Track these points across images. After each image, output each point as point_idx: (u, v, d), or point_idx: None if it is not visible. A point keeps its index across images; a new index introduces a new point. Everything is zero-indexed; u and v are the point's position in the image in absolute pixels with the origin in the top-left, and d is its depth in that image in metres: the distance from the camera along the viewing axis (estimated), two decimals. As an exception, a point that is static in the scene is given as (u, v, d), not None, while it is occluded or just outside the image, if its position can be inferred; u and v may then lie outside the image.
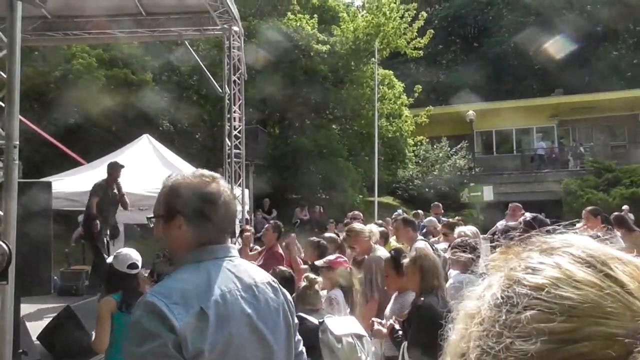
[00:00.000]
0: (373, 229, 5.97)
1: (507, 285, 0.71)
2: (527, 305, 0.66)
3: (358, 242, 5.59)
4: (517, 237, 0.83)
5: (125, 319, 3.85)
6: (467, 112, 26.27)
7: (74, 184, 10.01)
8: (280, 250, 7.12)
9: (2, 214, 3.35)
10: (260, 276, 1.86)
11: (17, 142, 3.38)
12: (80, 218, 15.02)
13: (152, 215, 1.84)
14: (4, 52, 3.47)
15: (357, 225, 6.10)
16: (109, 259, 4.29)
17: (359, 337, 3.77)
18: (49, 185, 4.00)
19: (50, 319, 6.28)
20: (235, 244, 8.93)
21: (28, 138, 10.96)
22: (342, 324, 3.81)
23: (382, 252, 5.51)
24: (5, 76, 3.40)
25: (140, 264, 4.09)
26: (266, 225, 8.00)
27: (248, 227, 8.63)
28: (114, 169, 9.07)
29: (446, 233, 7.59)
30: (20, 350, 3.98)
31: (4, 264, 2.98)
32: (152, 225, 1.85)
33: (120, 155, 11.97)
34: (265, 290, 1.82)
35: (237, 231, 8.82)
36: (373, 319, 4.27)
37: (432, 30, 23.32)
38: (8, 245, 3.01)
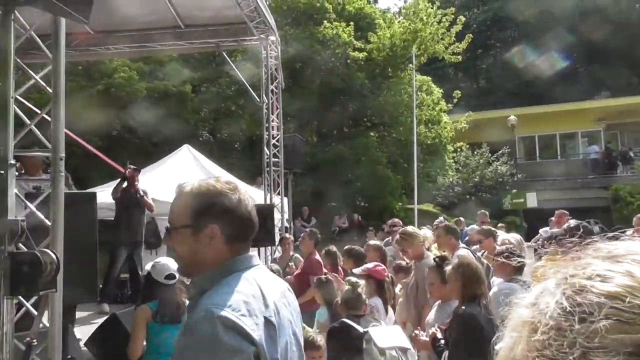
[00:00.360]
0: (427, 234, 5.81)
1: (572, 292, 0.68)
2: (606, 314, 0.63)
3: (412, 247, 5.48)
4: (566, 243, 0.81)
5: (159, 329, 3.89)
6: (508, 117, 25.84)
7: (117, 194, 10.21)
8: (319, 258, 7.13)
9: (50, 224, 3.44)
10: (282, 282, 1.88)
11: (63, 155, 3.48)
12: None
13: (173, 225, 1.72)
14: (49, 67, 3.57)
15: (411, 228, 5.97)
16: (147, 267, 4.32)
17: (404, 350, 3.71)
18: (93, 196, 4.10)
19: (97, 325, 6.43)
20: (275, 252, 8.98)
21: (73, 151, 11.26)
22: (387, 335, 3.75)
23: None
24: (51, 91, 3.50)
25: (177, 275, 4.06)
26: (302, 234, 8.02)
27: (287, 235, 8.64)
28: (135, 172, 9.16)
29: (480, 240, 7.45)
30: (69, 357, 4.07)
31: (53, 272, 3.06)
32: (168, 237, 1.76)
33: (161, 166, 12.21)
34: (291, 296, 1.84)
35: (277, 239, 8.84)
36: (415, 331, 4.20)
37: (470, 35, 23.09)
38: (56, 255, 3.09)
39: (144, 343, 3.99)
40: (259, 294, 1.63)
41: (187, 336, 1.55)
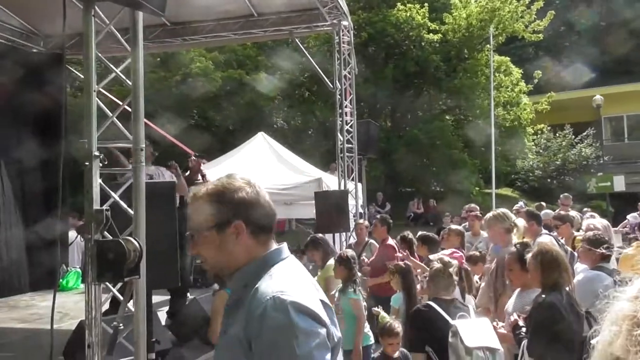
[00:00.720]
0: (519, 223, 5.52)
1: None
2: None
3: (501, 228, 5.23)
4: None
5: None
6: (593, 97, 24.60)
7: (196, 182, 10.49)
8: (393, 243, 7.08)
9: (133, 213, 3.56)
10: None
11: (144, 146, 3.58)
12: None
13: (196, 230, 1.70)
14: (128, 60, 3.68)
15: (505, 210, 5.65)
16: None
17: (492, 350, 3.51)
18: (172, 185, 4.22)
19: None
20: (349, 238, 8.97)
21: (154, 140, 11.64)
22: (475, 331, 3.54)
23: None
24: (130, 83, 3.61)
25: None
26: (374, 220, 7.99)
27: (362, 220, 8.59)
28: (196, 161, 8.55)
29: (557, 225, 7.11)
30: (154, 339, 4.23)
31: (137, 259, 3.17)
32: (190, 244, 1.74)
33: (237, 154, 12.44)
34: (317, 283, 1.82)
35: (352, 225, 8.82)
36: (493, 324, 4.04)
37: (553, 12, 22.11)
38: (139, 242, 3.19)
39: None
40: (304, 281, 1.66)
41: (255, 328, 1.53)
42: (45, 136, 9.20)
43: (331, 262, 5.65)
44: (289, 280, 1.61)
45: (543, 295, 3.49)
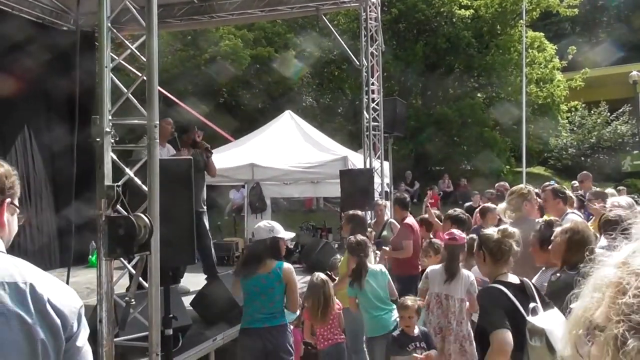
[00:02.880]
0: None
1: None
2: None
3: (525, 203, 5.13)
4: None
5: None
6: (630, 73, 23.86)
7: (224, 160, 10.53)
8: (411, 221, 7.02)
9: (147, 189, 3.57)
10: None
11: (157, 122, 3.58)
12: (232, 193, 15.98)
13: None
14: (143, 37, 3.66)
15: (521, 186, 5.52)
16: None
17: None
18: (189, 162, 4.21)
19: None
20: (373, 216, 8.92)
21: (184, 118, 11.70)
22: (552, 323, 2.99)
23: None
24: (144, 59, 3.60)
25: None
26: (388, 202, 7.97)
27: (380, 200, 8.46)
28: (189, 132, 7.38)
29: (591, 200, 6.92)
30: (171, 315, 4.27)
31: (147, 235, 3.19)
32: None
33: (265, 132, 12.44)
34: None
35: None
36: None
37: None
38: (149, 219, 3.21)
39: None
40: None
41: None
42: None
43: None
44: None
45: (558, 274, 3.39)
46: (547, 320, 3.01)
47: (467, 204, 11.94)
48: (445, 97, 21.72)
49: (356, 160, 10.59)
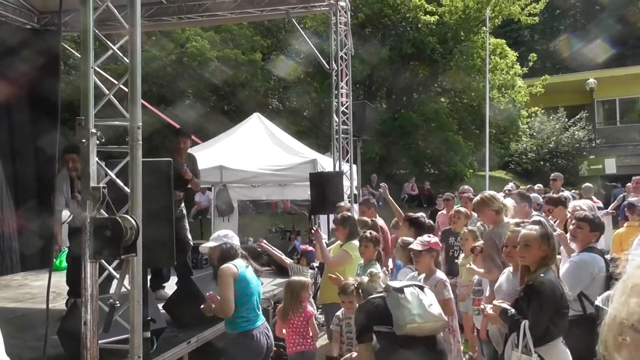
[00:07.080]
0: (508, 203, 5.50)
1: None
2: None
3: (489, 211, 5.24)
4: None
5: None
6: (587, 81, 24.61)
7: (191, 162, 10.44)
8: (381, 223, 7.18)
9: (129, 191, 3.56)
10: None
11: (140, 124, 3.57)
12: (197, 196, 15.82)
13: None
14: (125, 38, 3.65)
15: (493, 192, 5.64)
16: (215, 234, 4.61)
17: (420, 287, 3.86)
18: (169, 163, 4.20)
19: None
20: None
21: (147, 120, 11.57)
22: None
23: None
24: (127, 61, 3.59)
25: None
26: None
27: (342, 203, 8.37)
28: (179, 136, 7.29)
29: (550, 209, 7.11)
30: (149, 318, 4.24)
31: (133, 237, 3.18)
32: None
33: (233, 134, 12.40)
34: None
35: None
36: (482, 304, 4.09)
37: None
38: (136, 220, 3.20)
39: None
40: None
41: None
42: (39, 115, 9.15)
43: (355, 242, 5.72)
44: None
45: (542, 274, 3.54)
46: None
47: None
48: (410, 101, 21.99)
49: (325, 163, 10.65)
